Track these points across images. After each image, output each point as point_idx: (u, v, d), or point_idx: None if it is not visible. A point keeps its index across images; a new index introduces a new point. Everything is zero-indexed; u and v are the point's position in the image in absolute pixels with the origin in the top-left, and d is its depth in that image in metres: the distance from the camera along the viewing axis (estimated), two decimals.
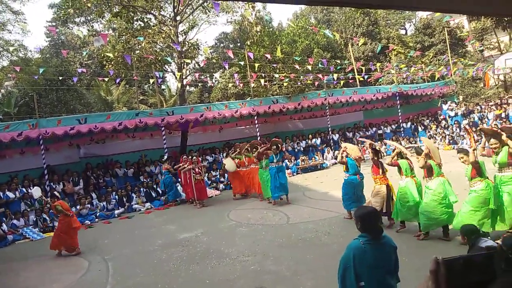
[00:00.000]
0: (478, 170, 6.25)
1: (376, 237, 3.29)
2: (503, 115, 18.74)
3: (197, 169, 12.43)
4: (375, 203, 7.70)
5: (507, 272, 1.57)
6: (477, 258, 1.20)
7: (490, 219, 6.21)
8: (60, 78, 20.51)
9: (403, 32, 36.88)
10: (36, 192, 10.91)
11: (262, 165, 11.58)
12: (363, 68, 21.44)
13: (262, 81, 18.12)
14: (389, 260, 3.32)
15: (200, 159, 14.29)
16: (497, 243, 2.99)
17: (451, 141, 18.78)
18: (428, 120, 21.94)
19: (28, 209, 12.02)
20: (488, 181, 6.27)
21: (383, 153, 8.28)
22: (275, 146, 11.38)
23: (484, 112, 19.84)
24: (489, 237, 4.74)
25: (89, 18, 27.98)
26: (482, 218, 6.14)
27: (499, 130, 6.52)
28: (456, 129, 19.57)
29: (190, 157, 13.19)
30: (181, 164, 12.94)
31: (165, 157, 14.61)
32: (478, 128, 14.41)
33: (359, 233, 3.34)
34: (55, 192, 9.79)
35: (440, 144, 18.95)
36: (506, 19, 23.06)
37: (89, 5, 16.74)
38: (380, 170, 7.86)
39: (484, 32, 27.02)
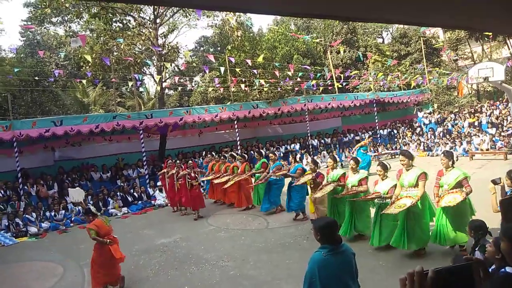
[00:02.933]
0: None
1: (337, 247, 3.33)
2: (476, 123, 19.35)
3: (192, 174, 11.10)
4: (323, 209, 7.94)
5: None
6: (458, 269, 1.21)
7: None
8: (36, 78, 20.00)
9: (380, 40, 37.67)
10: (75, 194, 9.61)
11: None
12: (342, 75, 21.78)
13: (243, 86, 18.16)
14: (351, 267, 3.39)
15: (213, 161, 13.19)
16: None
17: (425, 148, 19.26)
18: (403, 127, 22.45)
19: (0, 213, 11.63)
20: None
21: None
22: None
23: (458, 120, 20.45)
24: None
25: (66, 18, 27.43)
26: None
27: None
28: (430, 136, 20.08)
29: (174, 160, 12.84)
30: (165, 170, 12.30)
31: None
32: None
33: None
34: (91, 207, 7.09)
35: (415, 151, 19.40)
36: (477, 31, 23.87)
37: (67, 5, 16.41)
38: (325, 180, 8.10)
39: (459, 42, 27.88)
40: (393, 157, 19.57)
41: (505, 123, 18.30)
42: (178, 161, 12.81)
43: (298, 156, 10.22)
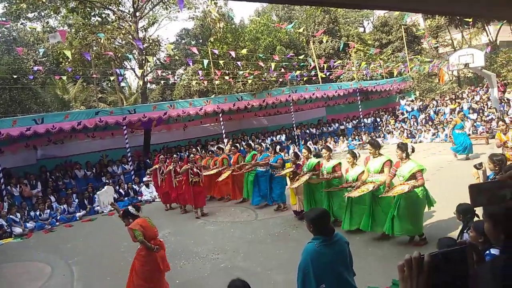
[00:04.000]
0: None
1: (330, 237, 3.32)
2: (457, 109, 19.68)
3: (195, 169, 10.23)
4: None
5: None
6: (453, 253, 1.22)
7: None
8: (14, 76, 19.48)
9: (361, 29, 37.86)
10: (104, 196, 8.99)
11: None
12: (325, 65, 21.84)
13: (227, 78, 18.05)
14: (345, 257, 3.38)
15: (198, 156, 12.42)
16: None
17: (409, 135, 19.52)
18: (386, 116, 22.70)
19: None
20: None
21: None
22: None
23: (440, 106, 20.76)
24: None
25: (43, 13, 26.72)
26: None
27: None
28: (413, 124, 20.36)
29: (171, 155, 12.40)
30: (157, 166, 11.67)
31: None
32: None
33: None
34: (130, 208, 5.54)
35: (399, 138, 19.65)
36: (458, 17, 24.22)
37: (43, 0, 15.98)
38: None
39: (439, 29, 28.24)
40: None
41: (485, 108, 18.66)
42: (175, 156, 12.12)
43: (278, 147, 10.25)
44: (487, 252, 2.71)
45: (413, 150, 6.38)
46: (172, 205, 11.76)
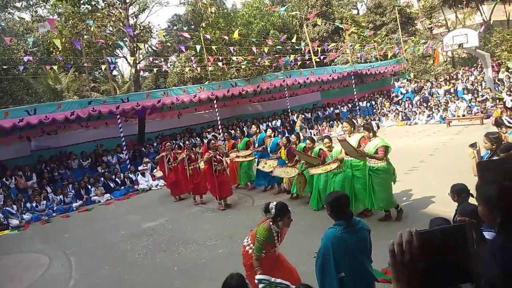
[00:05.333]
0: None
1: (349, 222, 3.22)
2: (452, 90, 19.67)
3: (218, 157, 9.28)
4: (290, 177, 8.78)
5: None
6: (450, 230, 1.19)
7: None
8: (4, 67, 19.18)
9: (355, 12, 37.52)
10: None
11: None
12: (319, 49, 21.67)
13: (220, 64, 17.87)
14: (365, 245, 3.29)
15: (218, 143, 10.91)
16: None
17: (404, 117, 19.53)
18: (381, 98, 22.66)
19: None
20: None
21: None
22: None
23: (434, 88, 20.73)
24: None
25: (31, 2, 26.23)
26: None
27: None
28: (408, 106, 20.35)
29: (183, 142, 12.07)
30: (164, 154, 10.97)
31: None
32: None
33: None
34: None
35: (394, 120, 19.67)
36: None
37: None
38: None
39: (432, 10, 28.01)
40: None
41: (480, 88, 18.66)
42: (187, 143, 11.25)
43: (269, 132, 10.49)
44: None
45: (378, 127, 6.92)
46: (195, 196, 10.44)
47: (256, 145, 10.54)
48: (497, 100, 16.08)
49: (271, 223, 3.89)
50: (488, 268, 1.03)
